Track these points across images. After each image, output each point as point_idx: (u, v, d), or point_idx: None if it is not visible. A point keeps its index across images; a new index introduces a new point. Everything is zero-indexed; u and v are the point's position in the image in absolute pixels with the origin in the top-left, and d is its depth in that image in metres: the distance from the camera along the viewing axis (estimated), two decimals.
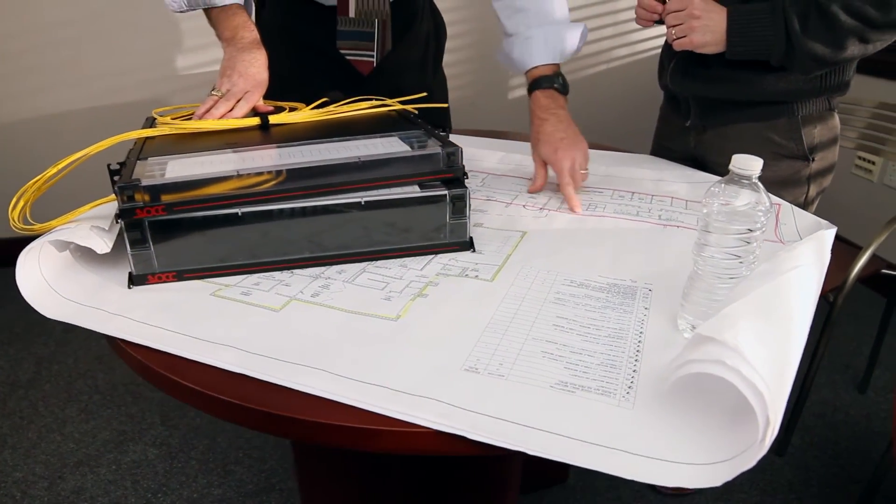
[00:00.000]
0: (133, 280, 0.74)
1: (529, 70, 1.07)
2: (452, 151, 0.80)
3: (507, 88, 2.52)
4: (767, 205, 0.58)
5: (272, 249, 0.76)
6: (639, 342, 0.61)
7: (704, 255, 0.60)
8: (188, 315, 0.67)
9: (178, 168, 0.75)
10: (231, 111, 0.97)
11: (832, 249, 0.70)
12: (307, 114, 0.99)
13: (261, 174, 0.73)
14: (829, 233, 0.75)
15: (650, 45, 2.53)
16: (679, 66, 1.09)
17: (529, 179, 1.08)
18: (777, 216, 0.92)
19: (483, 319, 0.65)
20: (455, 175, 0.81)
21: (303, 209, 0.74)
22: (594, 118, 2.40)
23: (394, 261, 0.78)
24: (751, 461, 0.43)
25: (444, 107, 1.23)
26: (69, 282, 0.74)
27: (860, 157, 2.13)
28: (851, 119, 1.59)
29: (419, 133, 0.88)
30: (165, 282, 0.74)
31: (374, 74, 1.23)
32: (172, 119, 0.98)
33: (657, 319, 0.66)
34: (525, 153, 1.19)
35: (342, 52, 1.15)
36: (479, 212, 0.94)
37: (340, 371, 0.56)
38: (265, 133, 0.93)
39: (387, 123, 0.95)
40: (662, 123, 1.27)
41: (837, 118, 1.09)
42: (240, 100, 0.97)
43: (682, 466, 0.45)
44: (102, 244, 0.74)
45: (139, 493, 1.41)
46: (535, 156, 1.03)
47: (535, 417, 0.50)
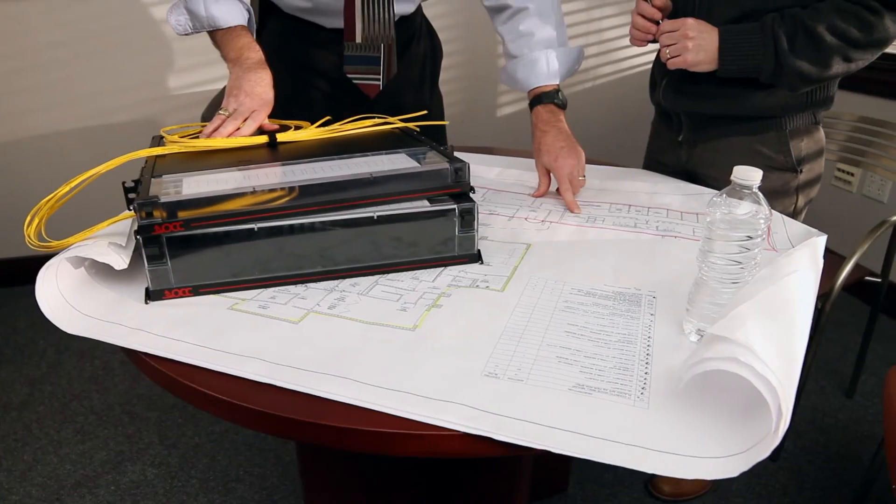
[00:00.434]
0: (150, 295, 0.75)
1: (531, 89, 1.12)
2: (460, 167, 0.82)
3: (496, 106, 2.56)
4: (767, 213, 0.61)
5: (286, 264, 0.78)
6: (648, 346, 0.64)
7: (708, 262, 0.63)
8: (208, 328, 0.68)
9: (194, 185, 0.77)
10: (238, 130, 0.99)
11: None
12: (313, 132, 1.01)
13: (275, 190, 0.75)
14: (821, 240, 0.79)
15: (635, 63, 2.60)
16: (671, 84, 1.14)
17: (529, 194, 1.11)
18: (769, 225, 0.96)
19: (497, 327, 0.67)
20: (462, 190, 0.83)
21: (317, 224, 0.76)
22: (584, 134, 2.45)
23: (405, 273, 0.81)
24: (765, 451, 0.45)
25: (445, 124, 1.26)
26: (86, 298, 0.75)
27: (839, 169, 2.19)
28: (832, 132, 1.64)
29: (425, 150, 0.90)
30: (182, 297, 0.76)
31: (376, 95, 1.26)
32: (181, 137, 1.00)
33: (663, 324, 0.68)
34: (522, 168, 1.23)
35: (349, 77, 1.18)
36: (484, 225, 0.96)
37: (365, 379, 0.58)
38: (273, 151, 0.95)
39: (392, 141, 0.98)
40: (655, 138, 1.32)
41: (822, 131, 1.14)
42: (247, 118, 1.00)
43: (701, 460, 0.47)
44: (120, 260, 0.75)
45: None
46: (538, 165, 1.10)
47: (557, 418, 0.53)
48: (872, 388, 1.75)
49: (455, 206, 0.80)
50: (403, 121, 1.07)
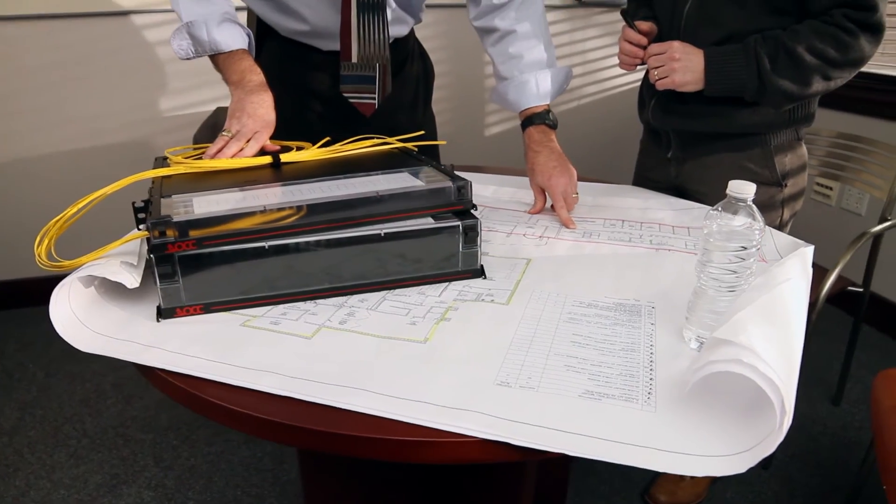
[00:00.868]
0: (161, 313, 0.76)
1: (522, 110, 1.15)
2: (462, 185, 0.85)
3: (484, 126, 2.61)
4: (761, 225, 0.64)
5: (296, 281, 0.80)
6: (651, 353, 0.67)
7: (707, 272, 0.66)
8: (222, 344, 0.70)
9: (204, 205, 0.79)
10: (242, 151, 1.01)
11: None
12: (315, 152, 1.04)
13: (286, 209, 0.78)
14: (808, 250, 0.83)
15: (619, 82, 2.66)
16: (660, 103, 1.18)
17: (525, 211, 1.14)
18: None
19: (506, 339, 0.70)
20: (465, 207, 0.86)
21: (326, 241, 0.79)
22: (572, 153, 2.50)
23: (411, 289, 0.83)
24: (770, 447, 0.48)
25: (443, 144, 1.29)
26: (98, 316, 0.76)
27: (819, 184, 2.26)
28: (812, 148, 1.70)
29: (426, 169, 0.93)
30: (193, 314, 0.77)
31: (370, 115, 1.29)
32: (185, 158, 1.01)
33: (664, 333, 0.71)
34: (516, 186, 1.26)
35: (345, 96, 1.21)
36: (484, 241, 0.98)
37: (381, 390, 0.60)
38: (277, 171, 0.97)
39: (392, 160, 1.00)
40: (644, 155, 1.36)
41: (805, 147, 1.18)
42: (249, 140, 1.02)
43: (710, 458, 0.50)
44: (132, 279, 0.77)
45: None
46: (532, 184, 1.13)
47: (570, 423, 0.55)
48: (858, 396, 1.80)
49: (459, 223, 0.83)
50: (402, 141, 1.10)
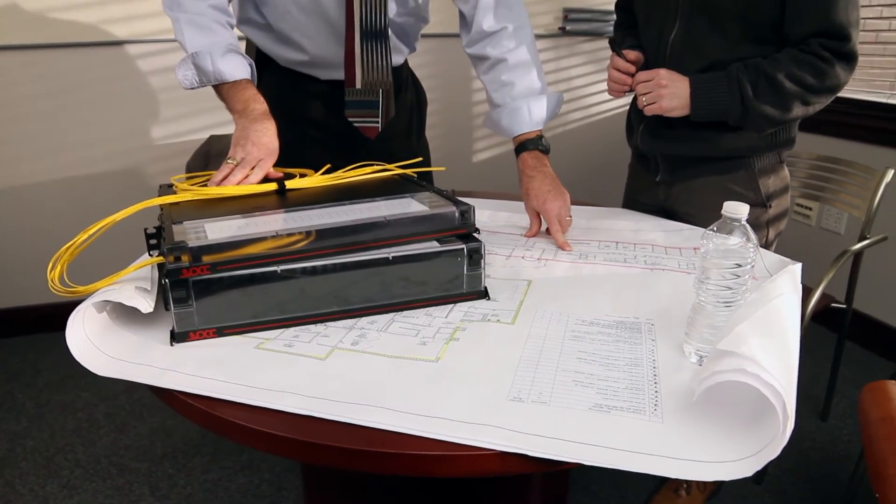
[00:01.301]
0: (175, 337, 0.78)
1: (515, 136, 1.20)
2: (465, 209, 0.88)
3: (472, 152, 2.66)
4: (755, 243, 0.68)
5: (306, 304, 0.82)
6: (654, 368, 0.70)
7: (705, 288, 0.70)
8: (238, 366, 0.71)
9: (216, 231, 0.81)
10: (247, 178, 1.03)
11: None
12: (318, 179, 1.06)
13: (297, 234, 0.80)
14: (797, 267, 0.87)
15: (604, 108, 2.73)
16: (648, 129, 1.23)
17: (521, 235, 1.17)
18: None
19: (514, 357, 0.72)
20: (468, 231, 0.89)
21: (336, 265, 0.81)
22: (560, 178, 2.57)
23: (418, 310, 0.85)
24: (775, 452, 0.51)
25: (442, 170, 1.32)
26: (112, 341, 0.78)
27: (799, 204, 2.33)
28: (792, 170, 1.76)
29: (429, 194, 0.96)
30: (206, 338, 0.79)
31: (366, 142, 1.33)
32: (191, 186, 1.03)
33: (664, 348, 0.74)
34: (511, 210, 1.29)
35: (350, 120, 1.24)
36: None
37: (398, 407, 0.62)
38: (282, 197, 1.00)
39: (394, 186, 1.03)
40: (633, 179, 1.40)
41: (787, 169, 1.24)
42: (254, 167, 1.04)
43: (717, 464, 0.53)
44: (146, 304, 0.78)
45: None
46: (528, 208, 1.16)
47: (583, 434, 0.57)
48: (844, 411, 1.84)
49: (463, 246, 0.86)
50: (402, 167, 1.13)
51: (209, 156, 2.11)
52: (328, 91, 1.30)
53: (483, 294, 0.89)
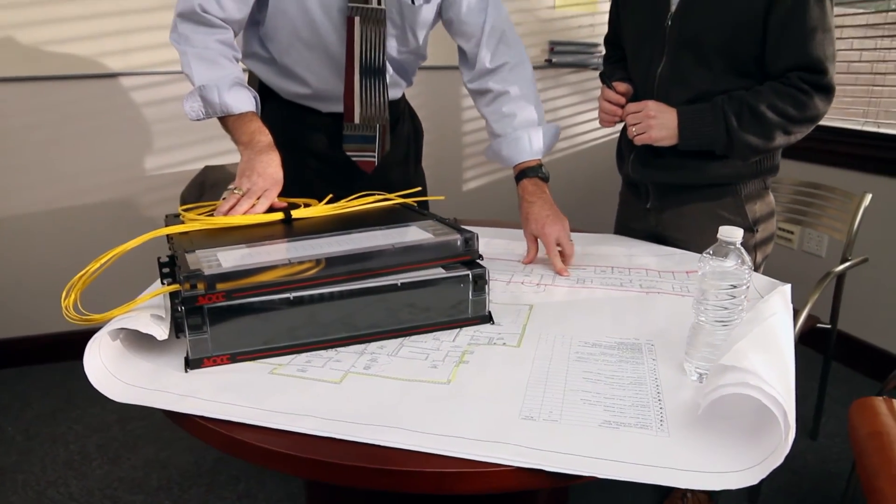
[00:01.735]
0: (190, 364, 0.80)
1: (516, 164, 1.24)
2: (469, 237, 0.92)
3: (462, 181, 2.71)
4: (750, 265, 0.72)
5: (316, 330, 0.84)
6: (656, 386, 0.73)
7: (703, 309, 0.73)
8: (254, 391, 0.73)
9: (230, 259, 0.83)
10: (253, 207, 1.06)
11: None
12: (323, 208, 1.09)
13: (309, 262, 0.83)
14: (786, 288, 0.91)
15: (588, 139, 2.80)
16: (638, 158, 1.28)
17: (518, 261, 1.21)
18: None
19: (523, 377, 0.75)
20: (472, 257, 0.92)
21: (347, 292, 0.83)
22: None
23: (425, 335, 0.88)
24: (778, 460, 0.55)
25: (441, 199, 1.36)
26: (127, 368, 0.79)
27: (781, 228, 2.40)
28: (775, 196, 1.82)
29: (432, 222, 0.99)
30: (220, 364, 0.81)
31: (364, 172, 1.36)
32: (197, 216, 1.06)
33: (665, 367, 0.77)
34: (507, 237, 1.33)
35: (348, 154, 1.28)
36: None
37: (415, 427, 0.64)
38: (288, 227, 1.03)
39: (396, 215, 1.06)
40: (624, 206, 1.45)
41: (772, 195, 1.29)
42: (260, 197, 1.07)
43: (725, 474, 0.56)
44: (161, 331, 0.80)
45: None
46: (527, 233, 1.19)
47: (595, 450, 0.60)
48: (833, 430, 1.88)
49: (468, 272, 0.89)
50: (402, 197, 1.17)
51: (204, 186, 2.13)
52: (329, 123, 1.34)
53: (487, 318, 0.92)
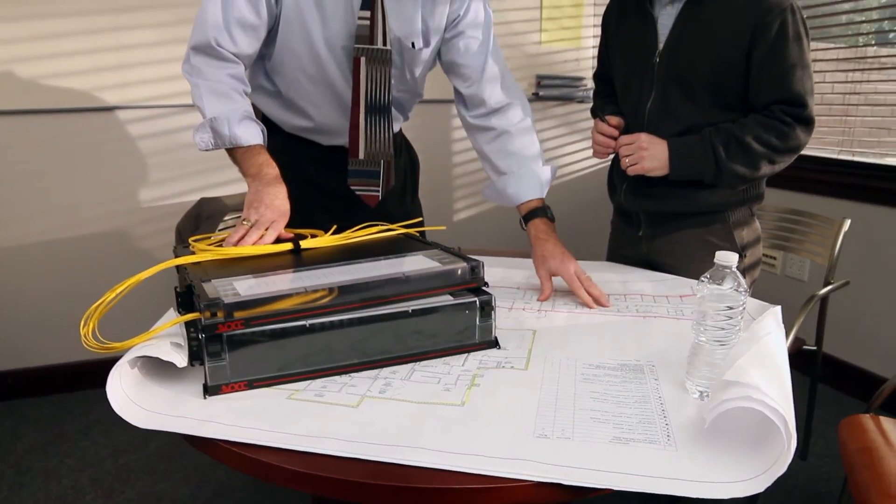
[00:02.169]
0: (208, 390, 0.82)
1: (522, 203, 1.27)
2: (475, 265, 0.95)
3: (452, 212, 2.76)
4: (745, 287, 0.76)
5: (330, 356, 0.87)
6: (661, 404, 0.76)
7: (703, 329, 0.77)
8: (275, 416, 0.76)
9: (246, 287, 0.86)
10: (261, 238, 1.09)
11: None
12: (329, 239, 1.13)
13: (323, 290, 0.86)
14: (777, 309, 0.95)
15: (573, 169, 2.87)
16: (631, 187, 1.33)
17: (517, 288, 1.24)
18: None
19: (533, 398, 0.78)
20: (478, 284, 0.96)
21: (360, 318, 0.87)
22: None
23: (435, 360, 0.91)
24: (783, 467, 0.59)
25: (442, 228, 1.39)
26: (147, 396, 0.81)
27: (764, 254, 2.46)
28: (760, 223, 1.89)
29: (437, 252, 1.03)
30: (238, 391, 0.83)
31: (364, 204, 1.40)
32: (208, 246, 1.08)
33: (667, 386, 0.81)
34: (503, 266, 1.36)
35: (352, 188, 1.32)
36: None
37: (436, 447, 0.67)
38: (298, 257, 1.06)
39: (401, 245, 1.10)
40: (616, 234, 1.50)
41: (758, 222, 1.35)
42: (268, 228, 1.10)
43: (732, 483, 0.59)
44: (181, 359, 0.82)
45: None
46: (542, 270, 1.19)
47: (608, 464, 0.63)
48: (822, 450, 1.92)
49: (476, 299, 0.93)
50: (405, 227, 1.20)
51: (200, 218, 2.16)
52: (329, 156, 1.38)
53: (494, 343, 0.95)
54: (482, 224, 2.78)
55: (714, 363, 0.77)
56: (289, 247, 1.08)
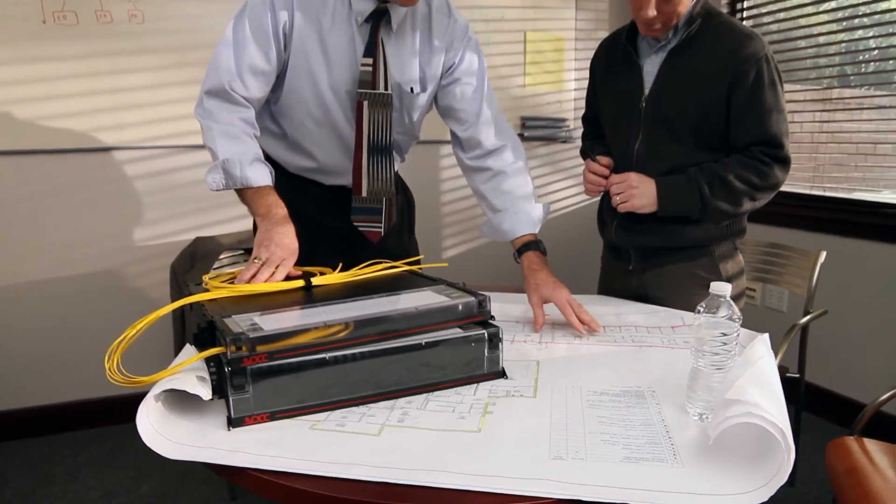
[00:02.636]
0: (232, 422, 0.85)
1: (516, 238, 1.34)
2: (482, 299, 1.01)
3: (442, 249, 2.82)
4: (738, 315, 0.82)
5: (347, 388, 0.90)
6: (665, 426, 0.82)
7: (701, 355, 0.83)
8: (299, 445, 0.79)
9: (267, 322, 0.90)
10: (272, 275, 1.13)
11: None
12: (337, 276, 1.17)
13: (341, 324, 0.90)
14: (765, 336, 1.02)
15: (559, 207, 2.96)
16: (621, 224, 1.40)
17: (516, 322, 1.29)
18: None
19: (545, 424, 0.83)
20: (485, 318, 1.01)
21: (377, 351, 0.91)
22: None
23: (447, 390, 0.95)
24: (783, 478, 0.64)
25: (445, 266, 1.44)
26: (172, 428, 0.84)
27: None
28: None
29: (444, 287, 1.08)
30: (260, 422, 0.86)
31: (366, 240, 1.45)
32: (221, 283, 1.12)
33: (669, 410, 0.87)
34: (500, 301, 1.40)
35: (355, 225, 1.37)
36: None
37: (458, 469, 0.71)
38: (309, 293, 1.10)
39: (409, 281, 1.15)
40: (607, 268, 1.57)
41: (741, 255, 1.43)
42: (278, 266, 1.15)
43: (738, 495, 0.65)
44: (206, 392, 0.86)
45: None
46: (535, 298, 1.25)
47: (622, 481, 0.68)
48: (808, 476, 1.97)
49: (484, 332, 0.98)
50: (409, 264, 1.26)
51: (195, 257, 2.19)
52: (332, 196, 1.44)
53: (501, 374, 1.00)
54: (472, 260, 2.84)
55: (712, 387, 0.82)
56: (301, 284, 1.12)
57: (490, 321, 1.01)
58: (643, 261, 1.42)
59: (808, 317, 1.76)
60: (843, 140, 2.32)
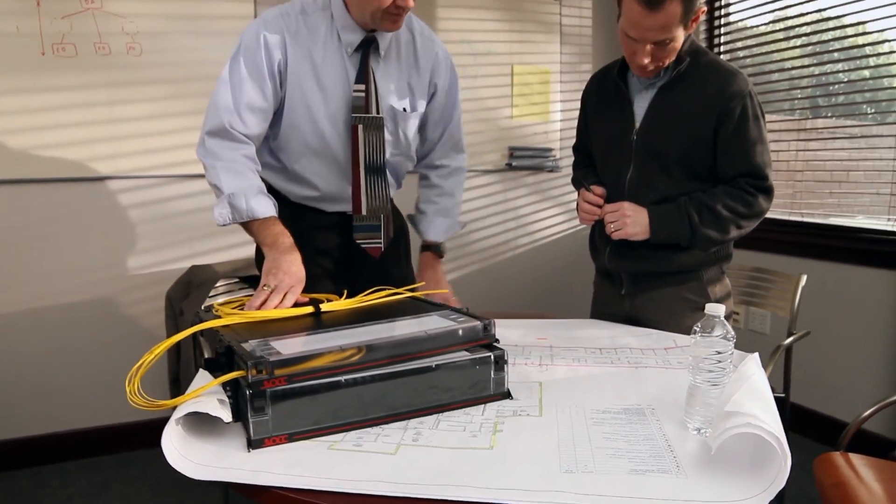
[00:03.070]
0: (252, 444, 0.88)
1: (427, 239, 1.60)
2: (488, 323, 1.05)
3: None
4: (733, 334, 0.88)
5: (360, 410, 0.94)
6: (666, 440, 0.86)
7: (698, 371, 0.88)
8: (320, 465, 0.82)
9: (283, 347, 0.94)
10: (281, 302, 1.17)
11: None
12: (345, 302, 1.21)
13: (354, 348, 0.94)
14: (755, 356, 1.07)
15: (545, 234, 3.03)
16: (614, 250, 1.46)
17: (515, 345, 1.33)
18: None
19: (552, 440, 0.87)
20: (489, 341, 1.06)
21: (389, 374, 0.95)
22: (517, 298, 2.85)
23: (455, 411, 0.99)
24: (781, 483, 0.70)
25: (445, 292, 1.49)
26: (194, 451, 0.87)
27: None
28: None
29: (448, 311, 1.13)
30: (279, 444, 0.89)
31: (366, 267, 1.50)
32: (232, 310, 1.16)
33: (669, 426, 0.91)
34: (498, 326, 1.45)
35: (357, 242, 1.44)
36: None
37: (476, 483, 0.75)
38: (319, 319, 1.14)
39: (414, 307, 1.19)
40: (599, 293, 1.63)
41: (727, 279, 1.49)
42: (286, 293, 1.19)
43: (740, 502, 0.69)
44: (227, 415, 0.89)
45: None
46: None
47: (631, 491, 0.73)
48: (796, 493, 2.02)
49: (491, 354, 1.02)
50: (410, 290, 1.30)
51: (191, 285, 2.21)
52: (334, 222, 1.49)
53: (506, 394, 1.04)
54: (462, 287, 2.89)
55: (709, 402, 0.88)
56: (311, 310, 1.16)
57: (495, 344, 1.06)
58: (635, 285, 1.48)
59: (792, 338, 1.83)
60: (818, 168, 2.43)
